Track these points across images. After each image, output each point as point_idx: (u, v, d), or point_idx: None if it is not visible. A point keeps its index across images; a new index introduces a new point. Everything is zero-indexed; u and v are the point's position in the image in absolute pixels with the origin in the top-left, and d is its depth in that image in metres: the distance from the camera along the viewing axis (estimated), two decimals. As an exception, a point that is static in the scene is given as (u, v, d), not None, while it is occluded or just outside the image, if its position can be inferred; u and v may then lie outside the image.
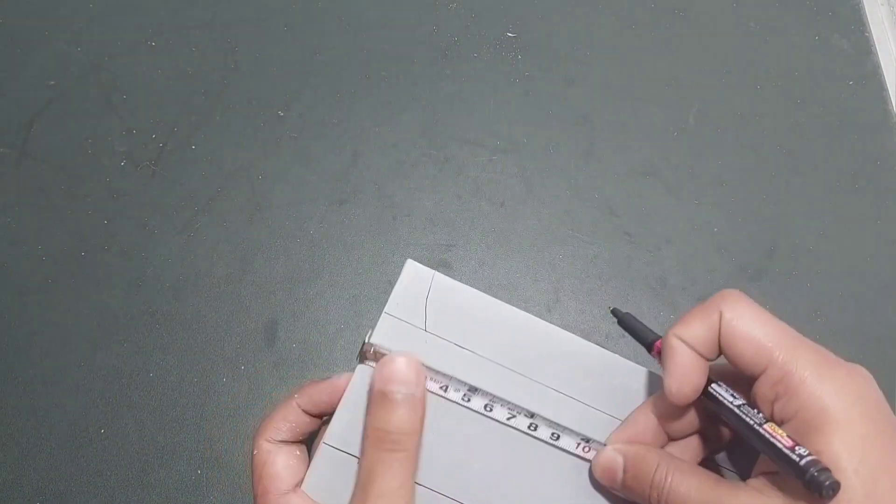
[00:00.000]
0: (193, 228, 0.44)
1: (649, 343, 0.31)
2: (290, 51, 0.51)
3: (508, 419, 0.30)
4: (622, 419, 0.30)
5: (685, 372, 0.26)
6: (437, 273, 0.31)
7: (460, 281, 0.31)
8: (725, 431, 0.29)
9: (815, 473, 0.21)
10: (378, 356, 0.29)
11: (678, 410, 0.28)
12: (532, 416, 0.30)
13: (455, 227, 0.45)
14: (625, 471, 0.27)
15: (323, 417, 0.31)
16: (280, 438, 0.30)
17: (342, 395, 0.29)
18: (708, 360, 0.26)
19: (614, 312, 0.34)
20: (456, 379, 0.30)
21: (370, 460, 0.26)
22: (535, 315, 0.42)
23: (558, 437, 0.30)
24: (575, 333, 0.41)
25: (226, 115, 0.48)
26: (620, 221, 0.46)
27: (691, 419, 0.28)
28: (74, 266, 0.43)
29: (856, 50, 0.53)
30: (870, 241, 0.46)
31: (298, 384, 0.31)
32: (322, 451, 0.29)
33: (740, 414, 0.25)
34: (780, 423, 0.24)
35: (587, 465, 0.30)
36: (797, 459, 0.22)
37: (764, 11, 0.54)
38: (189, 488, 0.37)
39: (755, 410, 0.25)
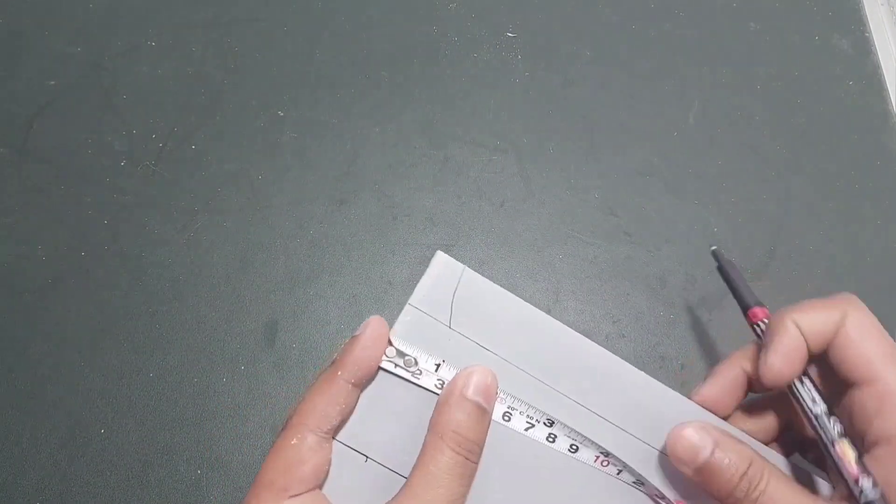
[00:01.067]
0: (193, 228, 0.44)
1: (745, 306, 0.30)
2: (290, 51, 0.51)
3: (526, 430, 0.29)
4: (642, 438, 0.29)
5: (790, 355, 0.26)
6: (466, 268, 0.30)
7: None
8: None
9: None
10: (401, 354, 0.28)
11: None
12: (552, 424, 0.29)
13: (455, 226, 0.45)
14: (712, 454, 0.25)
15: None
16: (329, 427, 0.26)
17: (382, 345, 0.27)
18: (812, 354, 0.26)
19: (715, 254, 0.33)
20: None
21: (444, 462, 0.25)
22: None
23: (577, 448, 0.29)
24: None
25: (226, 115, 0.48)
26: (620, 221, 0.46)
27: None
28: (74, 266, 0.43)
29: (856, 50, 0.53)
30: (870, 241, 0.46)
31: (329, 356, 0.28)
32: (334, 447, 0.28)
33: (816, 425, 0.25)
34: (874, 442, 0.24)
35: (604, 478, 0.29)
36: (857, 493, 0.22)
37: (764, 11, 0.54)
38: (189, 488, 0.37)
39: (831, 422, 0.25)
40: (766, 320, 0.30)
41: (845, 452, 0.23)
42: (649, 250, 0.45)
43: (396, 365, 0.28)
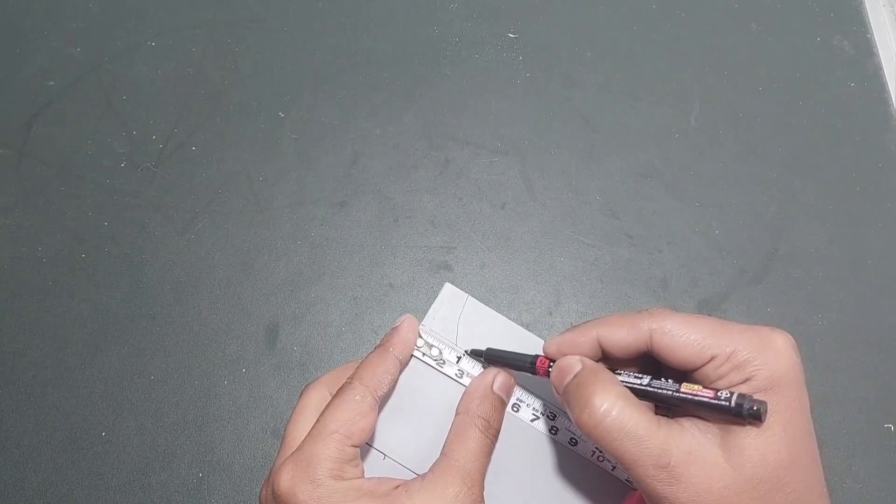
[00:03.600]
0: (194, 230, 0.44)
1: (530, 363, 0.31)
2: (290, 51, 0.51)
3: (532, 420, 0.33)
4: None
5: (572, 340, 0.29)
6: (470, 296, 0.36)
7: (461, 282, 0.33)
8: None
9: (748, 406, 0.23)
10: (429, 346, 0.33)
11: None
12: (554, 418, 0.32)
13: (456, 228, 0.45)
14: (574, 376, 0.28)
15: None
16: (381, 393, 0.30)
17: (415, 336, 0.32)
18: (618, 351, 0.28)
19: (472, 354, 0.34)
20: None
21: (474, 438, 0.29)
22: (537, 318, 0.42)
23: (576, 442, 0.32)
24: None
25: (226, 116, 0.48)
26: (621, 223, 0.46)
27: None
28: (74, 267, 0.43)
29: (857, 51, 0.53)
30: (871, 242, 0.46)
31: (379, 339, 0.32)
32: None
33: (654, 389, 0.26)
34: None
35: (599, 472, 0.32)
36: (726, 403, 0.24)
37: (765, 13, 0.54)
38: (190, 491, 0.37)
39: (664, 381, 0.26)
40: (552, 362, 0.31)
41: (691, 388, 0.25)
42: (650, 252, 0.45)
43: (424, 354, 0.33)
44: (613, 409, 0.25)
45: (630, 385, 0.27)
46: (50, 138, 0.47)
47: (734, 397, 0.24)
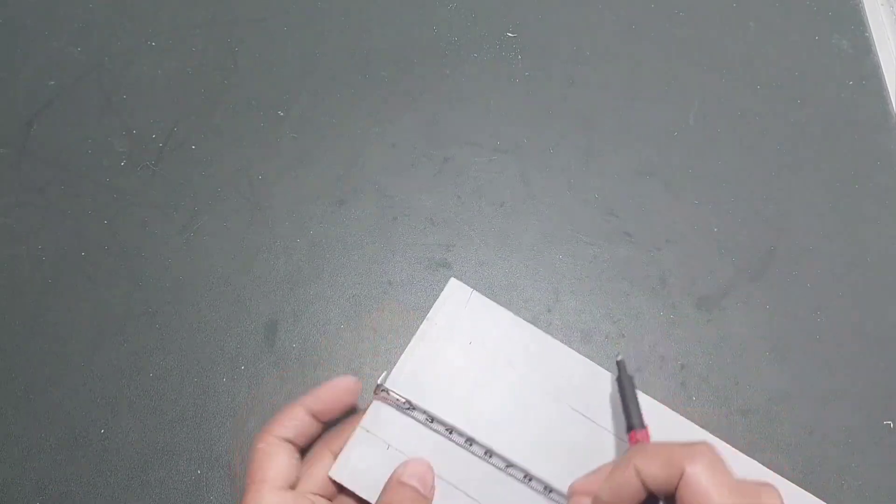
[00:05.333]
0: (193, 228, 0.44)
1: (630, 426, 0.33)
2: (290, 51, 0.51)
3: (507, 467, 0.34)
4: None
5: (620, 492, 0.28)
6: (474, 291, 0.37)
7: (460, 280, 0.34)
8: None
9: None
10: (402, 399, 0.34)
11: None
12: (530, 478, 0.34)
13: (455, 227, 0.45)
14: None
15: (326, 422, 0.34)
16: (285, 436, 0.32)
17: (346, 396, 0.34)
18: (655, 493, 0.28)
19: (619, 366, 0.35)
20: (457, 429, 0.34)
21: None
22: (536, 315, 0.42)
23: (551, 490, 0.33)
24: (575, 334, 0.42)
25: (226, 115, 0.48)
26: (620, 221, 0.46)
27: None
28: (74, 266, 0.43)
29: (856, 50, 0.53)
30: (870, 240, 0.46)
31: (306, 392, 0.34)
32: (357, 434, 0.34)
33: None
34: None
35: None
36: None
37: (764, 11, 0.54)
38: (189, 488, 0.37)
39: None
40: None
41: None
42: (649, 250, 0.45)
43: (397, 401, 0.34)
44: None
45: None
46: (50, 138, 0.47)
47: None
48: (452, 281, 0.38)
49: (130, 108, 0.48)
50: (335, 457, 0.34)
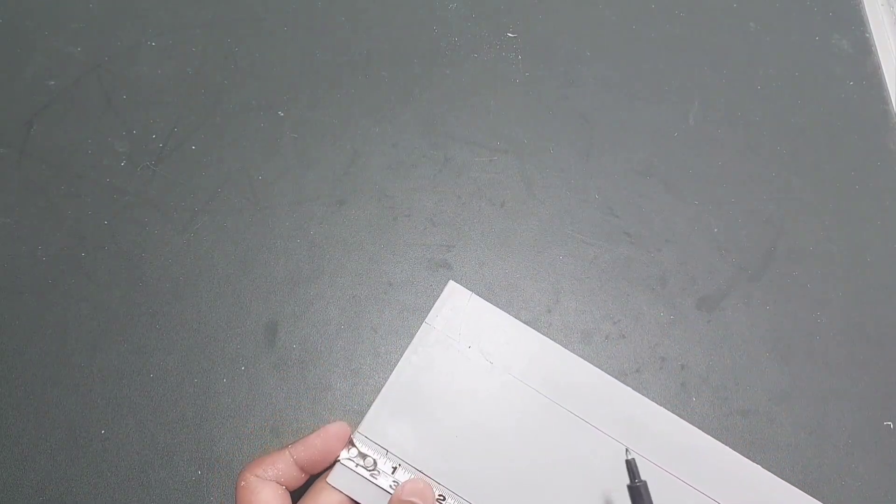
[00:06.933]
0: (193, 228, 0.44)
1: None
2: (289, 50, 0.51)
3: None
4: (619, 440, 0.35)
5: None
6: (473, 294, 0.37)
7: (460, 281, 0.33)
8: None
9: None
10: (363, 455, 0.34)
11: None
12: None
13: (455, 227, 0.45)
14: None
15: (309, 475, 0.34)
16: (265, 477, 0.33)
17: (337, 444, 0.34)
18: None
19: (629, 466, 0.33)
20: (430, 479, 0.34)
21: None
22: (536, 315, 0.42)
23: None
24: (575, 334, 0.42)
25: (225, 115, 0.48)
26: (620, 222, 0.46)
27: None
28: (74, 265, 0.43)
29: (856, 50, 0.53)
30: (870, 241, 0.46)
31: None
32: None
33: None
34: None
35: None
36: None
37: (764, 11, 0.54)
38: (189, 489, 0.37)
39: None
40: None
41: None
42: (649, 251, 0.45)
43: (357, 464, 0.34)
44: None
45: None
46: (50, 138, 0.47)
47: None
48: (451, 284, 0.37)
49: (130, 108, 0.48)
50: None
